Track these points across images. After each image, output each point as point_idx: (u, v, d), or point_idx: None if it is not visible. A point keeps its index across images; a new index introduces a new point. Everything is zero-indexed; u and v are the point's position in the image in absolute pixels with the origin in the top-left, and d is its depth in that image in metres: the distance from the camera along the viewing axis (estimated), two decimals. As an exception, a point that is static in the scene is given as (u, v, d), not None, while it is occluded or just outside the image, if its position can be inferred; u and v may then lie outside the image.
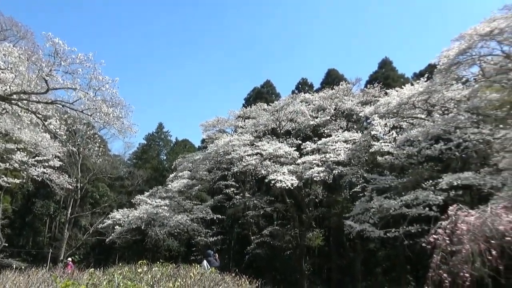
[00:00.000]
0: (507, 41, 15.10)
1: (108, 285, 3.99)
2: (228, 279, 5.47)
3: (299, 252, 26.89)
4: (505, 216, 8.03)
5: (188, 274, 5.17)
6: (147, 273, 4.83)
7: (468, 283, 7.58)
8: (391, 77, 31.52)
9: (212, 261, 13.22)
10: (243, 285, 5.48)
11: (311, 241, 28.77)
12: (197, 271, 5.35)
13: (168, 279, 4.97)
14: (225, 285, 5.07)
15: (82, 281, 4.05)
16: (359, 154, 22.16)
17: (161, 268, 5.51)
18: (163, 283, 4.76)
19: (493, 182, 14.12)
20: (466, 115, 17.31)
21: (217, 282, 5.01)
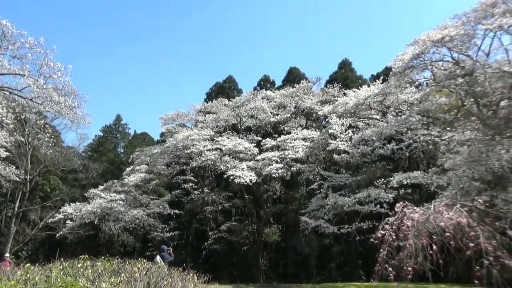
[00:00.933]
0: (457, 48, 15.93)
1: (42, 280, 3.79)
2: (175, 273, 5.40)
3: (256, 248, 27.13)
4: (446, 213, 8.45)
5: (133, 268, 5.05)
6: (88, 268, 4.66)
7: (410, 276, 7.91)
8: (350, 78, 32.40)
9: (165, 256, 13.03)
10: (190, 280, 5.42)
11: (268, 237, 29.10)
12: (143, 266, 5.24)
13: (112, 274, 4.82)
14: (171, 279, 5.00)
15: (16, 277, 3.83)
16: (317, 152, 22.63)
17: (105, 263, 5.34)
18: (106, 278, 4.61)
19: (439, 181, 14.91)
20: (418, 117, 18.11)
21: (163, 277, 4.93)
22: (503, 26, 13.49)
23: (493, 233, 7.84)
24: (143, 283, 4.62)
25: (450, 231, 8.06)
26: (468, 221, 8.06)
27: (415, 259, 8.36)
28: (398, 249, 8.67)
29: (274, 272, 32.77)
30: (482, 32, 15.21)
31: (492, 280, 7.02)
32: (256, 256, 26.85)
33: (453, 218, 8.26)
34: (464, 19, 15.48)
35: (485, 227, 8.00)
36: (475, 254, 7.54)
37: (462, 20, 15.58)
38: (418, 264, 8.28)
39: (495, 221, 9.77)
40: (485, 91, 13.60)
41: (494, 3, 14.66)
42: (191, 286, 5.54)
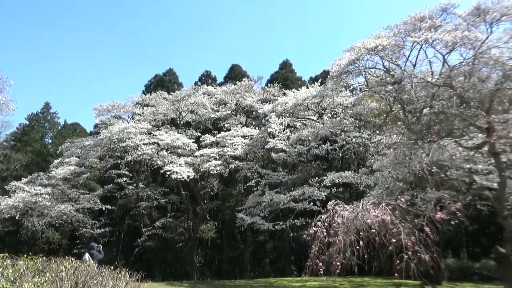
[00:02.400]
0: (388, 57, 17.02)
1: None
2: (106, 272, 5.17)
3: (192, 245, 26.86)
4: (372, 211, 9.03)
5: (60, 267, 4.75)
6: (8, 268, 4.28)
7: (338, 270, 8.34)
8: (290, 79, 33.21)
9: (95, 254, 12.40)
10: (122, 278, 5.23)
11: (204, 233, 28.94)
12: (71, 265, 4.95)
13: (36, 273, 4.50)
14: (101, 278, 4.79)
15: None
16: (256, 150, 22.94)
17: (28, 262, 4.94)
18: (28, 278, 4.29)
19: (367, 181, 15.87)
20: (351, 120, 19.13)
21: (92, 276, 4.70)
22: (429, 40, 14.64)
23: (413, 229, 8.54)
24: (70, 283, 4.37)
25: (375, 228, 8.63)
26: (391, 219, 8.70)
27: (344, 254, 8.83)
28: (329, 245, 9.09)
29: (209, 268, 32.71)
30: (411, 44, 16.40)
31: (410, 272, 7.63)
32: (191, 253, 26.59)
33: (379, 216, 8.86)
34: (395, 31, 16.57)
35: (406, 224, 8.68)
36: (396, 249, 8.14)
37: (393, 31, 16.66)
38: (346, 259, 8.75)
39: (414, 218, 10.65)
40: (410, 98, 14.69)
41: (422, 18, 15.89)
42: (122, 284, 5.35)
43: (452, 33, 13.86)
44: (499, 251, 10.40)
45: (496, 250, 10.56)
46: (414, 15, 16.05)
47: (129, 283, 5.56)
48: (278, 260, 31.38)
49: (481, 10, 13.67)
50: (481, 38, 13.33)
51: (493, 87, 11.52)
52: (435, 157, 11.90)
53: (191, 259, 26.56)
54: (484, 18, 13.69)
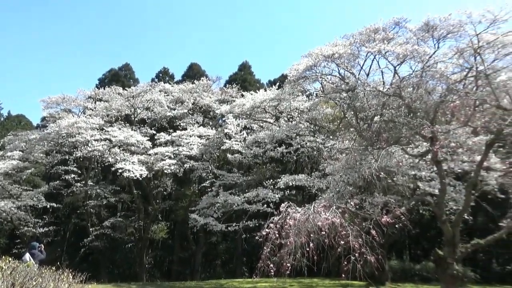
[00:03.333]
0: (343, 65, 17.60)
1: None
2: (47, 273, 4.90)
3: (142, 245, 26.17)
4: (323, 214, 9.27)
5: (-5, 268, 4.43)
6: None
7: (288, 271, 8.47)
8: (248, 81, 33.39)
9: (36, 254, 11.71)
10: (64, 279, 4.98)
11: (155, 234, 28.29)
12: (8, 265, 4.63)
13: (-34, 274, 4.16)
14: (41, 279, 4.53)
15: None
16: (212, 150, 22.81)
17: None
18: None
19: (320, 184, 16.28)
20: (306, 124, 19.56)
21: (31, 277, 4.43)
22: (381, 51, 15.32)
23: (360, 232, 8.87)
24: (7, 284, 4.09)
25: (325, 230, 8.86)
26: (341, 221, 8.97)
27: (294, 255, 8.99)
28: (280, 247, 9.22)
29: (159, 270, 32.01)
30: (365, 53, 17.08)
31: (356, 273, 7.91)
32: (141, 253, 25.89)
33: (329, 218, 9.11)
34: (351, 40, 17.17)
35: (354, 227, 9.00)
36: (344, 251, 8.41)
37: (349, 40, 17.26)
38: (296, 260, 8.91)
39: (362, 221, 11.08)
40: (363, 106, 15.27)
41: (376, 29, 16.59)
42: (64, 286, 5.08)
43: (403, 46, 14.60)
44: (437, 253, 11.06)
45: (435, 253, 11.22)
46: (369, 26, 16.72)
47: (72, 284, 5.30)
48: (230, 261, 31.36)
49: (430, 26, 14.51)
50: (429, 53, 14.17)
51: (438, 99, 12.25)
52: (383, 163, 12.45)
53: (141, 260, 25.86)
54: (432, 34, 14.55)
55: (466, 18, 13.32)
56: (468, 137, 11.36)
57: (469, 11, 13.21)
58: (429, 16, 14.47)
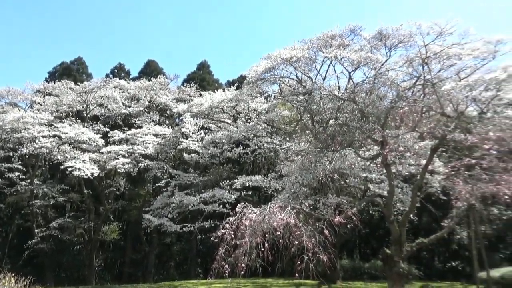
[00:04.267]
0: (301, 68, 17.99)
1: None
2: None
3: (92, 247, 25.16)
4: (279, 214, 9.41)
5: None
6: None
7: (243, 272, 8.52)
8: (207, 80, 33.14)
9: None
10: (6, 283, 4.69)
11: (106, 235, 27.31)
12: None
13: None
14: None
15: None
16: (167, 150, 22.40)
17: None
18: None
19: (275, 185, 16.51)
20: (264, 125, 19.77)
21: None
22: (337, 57, 15.84)
23: (314, 232, 9.10)
24: None
25: (280, 230, 9.01)
26: (295, 222, 9.16)
27: (249, 256, 9.06)
28: (235, 247, 9.25)
29: (109, 272, 30.91)
30: (322, 58, 17.57)
31: (309, 273, 8.11)
32: (90, 255, 24.88)
33: (284, 219, 9.27)
34: (309, 44, 17.60)
35: (308, 227, 9.22)
36: (298, 251, 8.59)
37: (307, 45, 17.68)
38: (251, 261, 8.98)
39: (316, 222, 11.37)
40: (319, 109, 15.69)
41: (333, 35, 17.12)
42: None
43: (358, 53, 15.19)
44: (385, 252, 11.59)
45: (383, 251, 11.75)
46: (326, 32, 17.22)
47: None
48: (184, 262, 30.93)
49: (383, 35, 15.20)
50: (381, 60, 14.84)
51: (389, 105, 12.85)
52: (337, 165, 12.86)
53: (90, 262, 24.85)
54: (384, 43, 15.25)
55: (416, 29, 14.12)
56: (415, 142, 12.01)
57: (419, 23, 14.00)
58: (382, 26, 15.16)
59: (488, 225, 16.56)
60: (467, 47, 14.38)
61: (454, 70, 15.89)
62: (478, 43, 14.87)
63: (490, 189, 9.86)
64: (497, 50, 15.15)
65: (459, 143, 10.57)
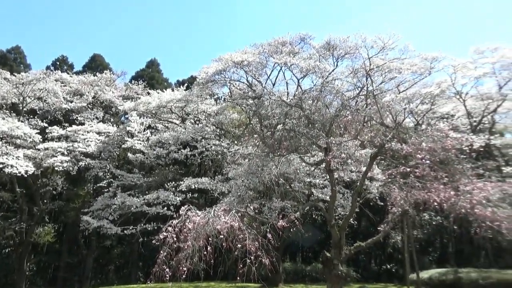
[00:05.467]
0: (252, 73, 18.15)
1: None
2: None
3: (23, 250, 23.44)
4: (223, 217, 9.38)
5: None
6: None
7: (184, 276, 8.39)
8: (156, 79, 32.36)
9: None
10: None
11: (39, 237, 25.56)
12: None
13: None
14: None
15: None
16: (111, 148, 21.54)
17: None
18: None
19: (222, 188, 16.46)
20: (212, 128, 19.67)
21: None
22: (287, 63, 16.18)
23: (257, 235, 9.18)
24: None
25: (224, 233, 8.99)
26: (239, 225, 9.19)
27: (191, 259, 8.94)
28: (178, 251, 9.09)
29: (42, 277, 29.01)
30: (272, 64, 17.89)
31: (251, 276, 8.15)
32: (21, 259, 23.17)
33: (228, 222, 9.27)
34: (260, 49, 17.82)
35: (252, 230, 9.28)
36: (241, 254, 8.62)
37: (259, 49, 17.89)
38: (193, 264, 8.87)
39: (260, 225, 11.49)
40: (267, 114, 15.91)
41: (283, 42, 17.47)
42: None
43: (307, 61, 15.63)
44: (325, 255, 11.96)
45: (323, 254, 12.11)
46: (277, 38, 17.54)
47: None
48: (125, 266, 29.81)
49: (331, 45, 15.77)
50: (328, 70, 15.38)
51: (334, 113, 13.33)
52: (282, 169, 13.11)
53: (20, 266, 23.13)
54: (332, 53, 15.84)
55: (361, 42, 14.80)
56: (356, 150, 12.54)
57: (364, 36, 14.69)
58: (330, 36, 15.75)
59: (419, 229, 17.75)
60: (407, 62, 15.35)
61: (394, 83, 16.90)
62: (416, 59, 15.95)
63: (422, 196, 10.52)
64: (432, 66, 16.36)
65: (395, 152, 11.20)
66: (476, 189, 9.83)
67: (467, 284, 12.89)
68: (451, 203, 9.92)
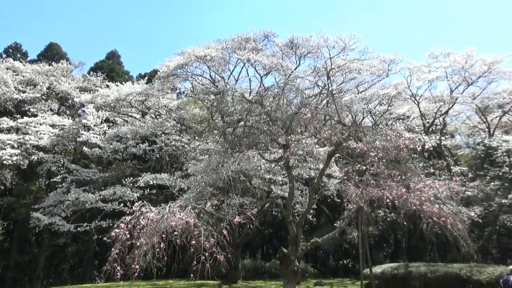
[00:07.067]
0: (215, 68, 17.97)
1: None
2: None
3: (-35, 249, 22.04)
4: (178, 214, 9.21)
5: None
6: None
7: (136, 274, 8.16)
8: (116, 71, 31.27)
9: None
10: None
11: (-14, 235, 24.13)
12: None
13: None
14: None
15: None
16: (66, 142, 20.61)
17: None
18: None
19: (181, 184, 16.19)
20: (173, 122, 19.29)
21: None
22: (251, 60, 16.14)
23: (213, 232, 9.08)
24: None
25: (179, 230, 8.83)
26: (194, 222, 9.05)
27: (145, 257, 8.71)
28: (131, 248, 8.83)
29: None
30: (236, 60, 17.79)
31: (207, 273, 8.05)
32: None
33: (183, 219, 9.11)
34: (224, 45, 17.67)
35: (208, 227, 9.17)
36: (197, 251, 8.49)
37: (222, 45, 17.73)
38: (146, 262, 8.64)
39: (218, 222, 11.38)
40: (229, 110, 15.80)
41: (247, 38, 17.41)
42: None
43: (270, 58, 15.67)
44: (282, 251, 12.05)
45: (280, 251, 12.20)
46: (241, 34, 17.45)
47: None
48: (79, 265, 28.71)
49: (294, 44, 15.89)
50: (291, 68, 15.49)
51: (294, 111, 13.43)
52: (243, 166, 13.06)
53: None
54: (295, 51, 15.96)
55: (323, 42, 15.02)
56: (315, 147, 12.71)
57: (326, 36, 14.91)
58: (294, 35, 15.86)
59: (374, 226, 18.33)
60: (366, 64, 15.75)
61: (354, 83, 17.34)
62: (375, 61, 16.42)
63: (376, 193, 10.83)
64: (390, 68, 16.91)
65: (352, 150, 11.44)
66: (426, 187, 10.23)
67: (417, 278, 13.43)
68: (403, 200, 10.27)
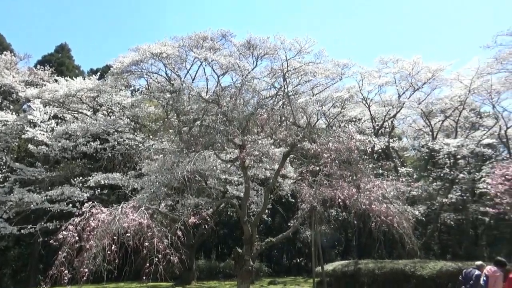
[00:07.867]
0: (171, 66, 17.67)
1: None
2: None
3: None
4: (131, 215, 8.98)
5: None
6: None
7: (85, 277, 7.88)
8: (66, 65, 29.78)
9: None
10: None
11: None
12: None
13: None
14: None
15: None
16: (9, 139, 19.33)
17: None
18: None
19: (135, 184, 15.76)
20: (127, 120, 18.72)
21: None
22: (208, 59, 16.03)
23: (166, 233, 8.94)
24: None
25: (131, 231, 8.61)
26: (148, 223, 8.87)
27: (95, 259, 8.41)
28: (80, 251, 8.51)
29: None
30: (192, 58, 17.60)
31: (157, 275, 7.92)
32: None
33: (136, 220, 8.90)
34: (181, 42, 17.41)
35: (161, 228, 9.03)
36: (149, 253, 8.32)
37: (179, 42, 17.47)
38: (96, 265, 8.34)
39: (172, 223, 11.22)
40: (185, 109, 15.62)
41: (205, 37, 17.26)
42: None
43: (227, 58, 15.64)
44: (237, 251, 12.12)
45: (235, 251, 12.26)
46: (199, 32, 17.28)
47: None
48: (23, 269, 27.02)
49: (251, 44, 15.98)
50: (248, 68, 15.56)
51: (251, 111, 13.53)
52: (198, 166, 12.95)
53: None
54: (252, 52, 16.07)
55: (280, 44, 15.24)
56: (270, 148, 12.89)
57: (283, 38, 15.15)
58: (251, 35, 15.95)
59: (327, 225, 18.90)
60: (321, 67, 16.19)
61: (309, 86, 17.77)
62: (329, 64, 16.93)
63: (329, 193, 11.18)
64: (343, 72, 17.51)
65: (306, 151, 11.72)
66: (375, 187, 10.73)
67: (365, 274, 14.02)
68: (354, 199, 10.70)
